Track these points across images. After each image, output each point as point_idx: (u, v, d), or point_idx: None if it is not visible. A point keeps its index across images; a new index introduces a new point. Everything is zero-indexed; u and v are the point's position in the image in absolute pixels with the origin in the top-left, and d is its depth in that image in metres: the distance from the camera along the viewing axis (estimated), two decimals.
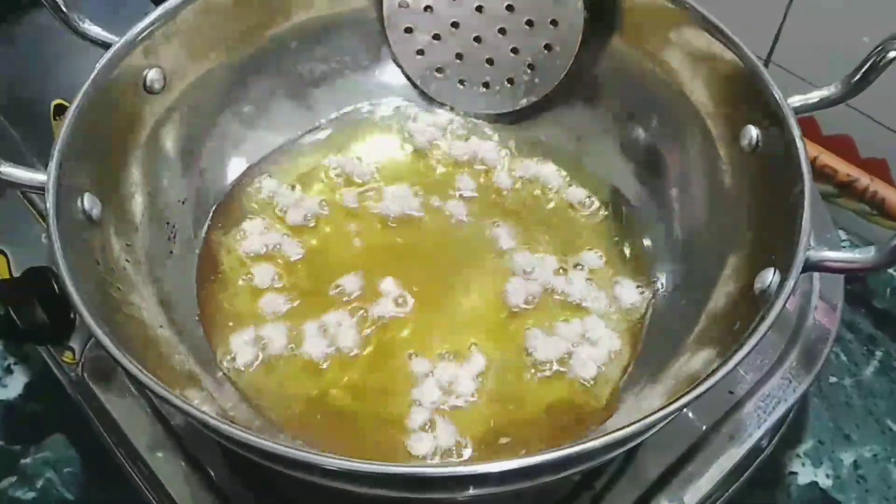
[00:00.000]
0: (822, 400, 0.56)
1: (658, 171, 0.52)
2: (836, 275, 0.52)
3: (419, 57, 0.55)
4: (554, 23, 0.52)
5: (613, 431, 0.32)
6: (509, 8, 0.52)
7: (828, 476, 0.53)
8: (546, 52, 0.53)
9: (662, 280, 0.49)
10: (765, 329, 0.35)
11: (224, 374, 0.46)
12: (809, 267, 0.37)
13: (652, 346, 0.47)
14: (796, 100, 0.43)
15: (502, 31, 0.53)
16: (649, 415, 0.33)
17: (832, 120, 0.63)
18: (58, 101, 0.56)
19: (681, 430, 0.46)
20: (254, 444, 0.33)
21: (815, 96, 0.43)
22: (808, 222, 0.38)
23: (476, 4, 0.53)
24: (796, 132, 0.41)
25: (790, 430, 0.52)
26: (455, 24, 0.54)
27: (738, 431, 0.46)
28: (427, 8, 0.54)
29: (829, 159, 0.61)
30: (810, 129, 0.64)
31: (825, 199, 0.61)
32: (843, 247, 0.60)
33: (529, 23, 0.52)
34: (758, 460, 0.49)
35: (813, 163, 0.61)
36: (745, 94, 0.44)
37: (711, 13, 0.47)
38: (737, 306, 0.41)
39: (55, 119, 0.56)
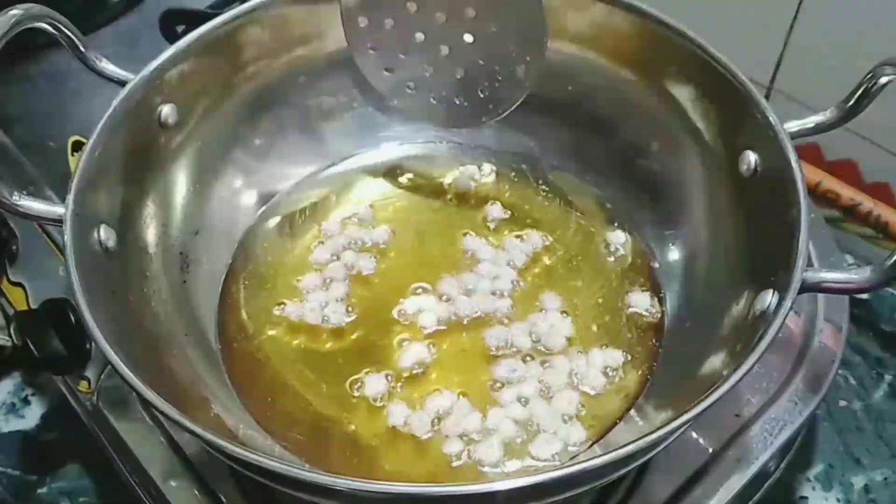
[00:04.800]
0: (832, 424, 0.56)
1: (660, 196, 0.52)
2: (840, 298, 0.52)
3: (387, 74, 0.53)
4: (518, 26, 0.49)
5: (615, 449, 0.33)
6: (473, 15, 0.50)
7: (839, 500, 0.52)
8: (514, 56, 0.50)
9: (668, 302, 0.50)
10: (762, 349, 0.35)
11: (238, 400, 0.46)
12: (807, 288, 0.37)
13: (662, 366, 0.47)
14: (793, 125, 0.43)
15: (469, 40, 0.51)
16: (650, 433, 0.33)
17: (836, 145, 0.64)
18: (75, 137, 0.58)
19: (688, 453, 0.46)
20: (264, 466, 0.33)
21: (811, 121, 0.44)
22: (804, 243, 0.38)
23: (439, 14, 0.51)
24: (792, 156, 0.41)
25: (800, 454, 0.52)
26: (420, 37, 0.52)
27: (746, 454, 0.46)
28: (390, 25, 0.51)
29: (832, 184, 0.62)
30: (814, 155, 0.65)
31: (831, 224, 0.62)
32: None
33: (496, 29, 0.50)
34: (767, 484, 0.49)
35: (816, 188, 0.62)
36: (743, 120, 0.45)
37: (713, 42, 0.47)
38: (738, 328, 0.41)
39: (73, 155, 0.58)
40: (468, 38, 0.51)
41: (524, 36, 0.50)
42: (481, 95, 0.52)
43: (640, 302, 0.49)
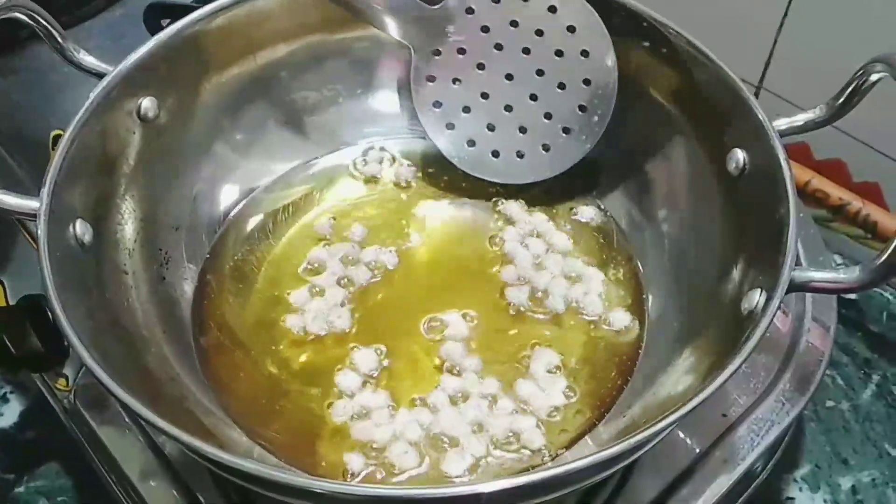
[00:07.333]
0: (819, 424, 0.56)
1: (647, 193, 0.52)
2: (828, 297, 0.52)
3: (449, 131, 0.54)
4: (587, 82, 0.50)
5: (602, 450, 0.33)
6: (539, 73, 0.51)
7: (826, 501, 0.52)
8: (581, 113, 0.51)
9: (653, 303, 0.49)
10: (750, 348, 0.35)
11: (216, 399, 0.46)
12: (795, 287, 0.37)
13: (645, 368, 0.47)
14: (782, 123, 0.43)
15: (533, 97, 0.52)
16: (636, 433, 0.33)
17: (825, 144, 0.64)
18: (57, 131, 0.57)
19: (675, 453, 0.46)
20: (239, 468, 0.33)
21: (800, 119, 0.43)
22: (792, 242, 0.38)
23: (505, 72, 0.52)
24: (781, 154, 0.41)
25: (787, 455, 0.52)
26: (485, 95, 0.53)
27: (732, 454, 0.46)
28: (455, 80, 0.53)
29: (821, 183, 0.62)
30: (803, 154, 0.65)
31: (820, 224, 0.62)
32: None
33: (561, 86, 0.51)
34: (754, 484, 0.49)
35: (805, 187, 0.62)
36: (732, 118, 0.45)
37: (701, 40, 0.47)
38: (725, 328, 0.41)
39: (53, 149, 0.57)
40: (533, 95, 0.52)
41: (592, 93, 0.51)
42: (544, 152, 0.53)
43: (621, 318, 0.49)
